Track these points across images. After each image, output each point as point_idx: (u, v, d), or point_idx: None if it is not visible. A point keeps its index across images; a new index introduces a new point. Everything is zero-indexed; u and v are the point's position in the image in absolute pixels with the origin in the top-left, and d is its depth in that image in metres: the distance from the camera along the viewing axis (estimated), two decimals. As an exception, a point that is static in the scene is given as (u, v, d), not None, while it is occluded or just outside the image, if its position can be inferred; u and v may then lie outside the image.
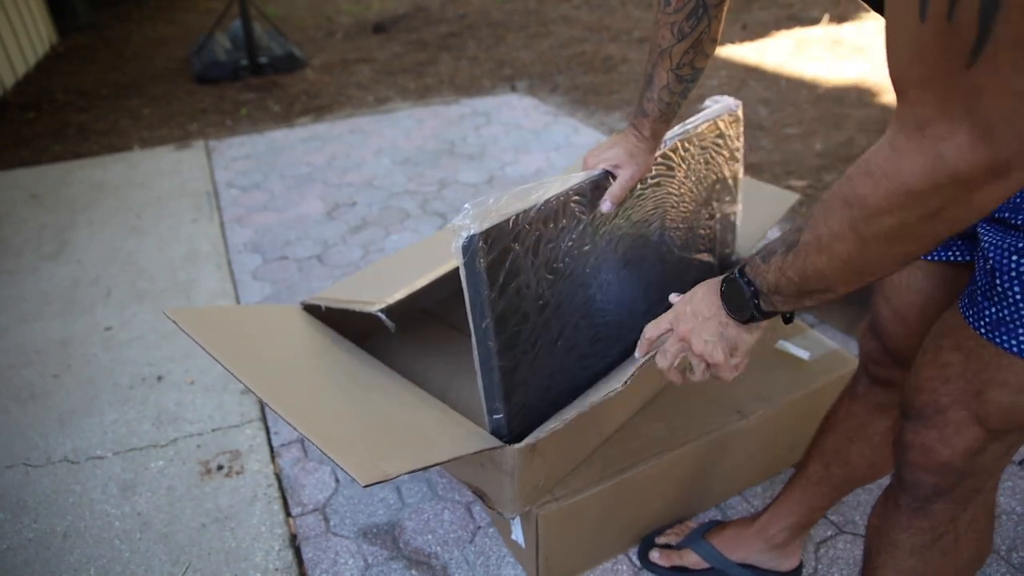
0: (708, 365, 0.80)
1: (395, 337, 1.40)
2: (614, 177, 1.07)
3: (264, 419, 1.68)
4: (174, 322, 1.05)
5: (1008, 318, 0.71)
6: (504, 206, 0.94)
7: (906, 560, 0.89)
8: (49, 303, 2.18)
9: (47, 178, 3.08)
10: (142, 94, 4.23)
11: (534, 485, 1.10)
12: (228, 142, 3.41)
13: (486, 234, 0.91)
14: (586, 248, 1.06)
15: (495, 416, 1.04)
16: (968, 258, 0.85)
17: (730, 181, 1.35)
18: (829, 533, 1.34)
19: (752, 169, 2.84)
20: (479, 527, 1.38)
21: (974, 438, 0.77)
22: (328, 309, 1.29)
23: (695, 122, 1.22)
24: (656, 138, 1.06)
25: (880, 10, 0.71)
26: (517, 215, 0.94)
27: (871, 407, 1.05)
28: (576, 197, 1.02)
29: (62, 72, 4.71)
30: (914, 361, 0.83)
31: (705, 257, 1.37)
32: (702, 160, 1.25)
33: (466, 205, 0.92)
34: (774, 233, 2.35)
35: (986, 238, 0.75)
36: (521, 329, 1.00)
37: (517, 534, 1.21)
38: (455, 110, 3.72)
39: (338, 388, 1.09)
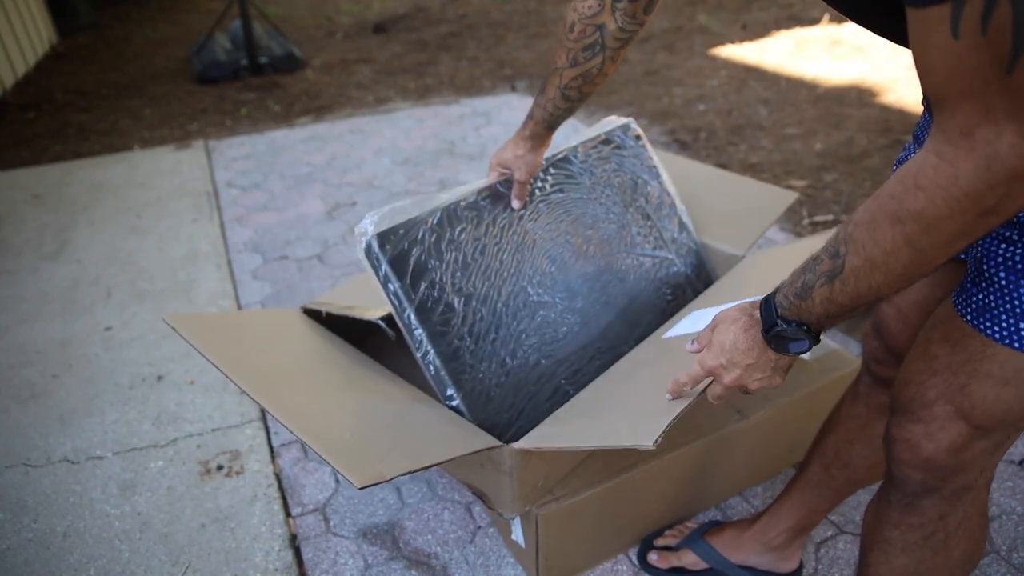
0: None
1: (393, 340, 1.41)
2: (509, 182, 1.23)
3: (264, 419, 1.68)
4: (173, 328, 1.06)
5: (993, 304, 0.72)
6: (399, 213, 1.08)
7: (898, 557, 0.89)
8: (49, 303, 2.18)
9: (47, 178, 3.08)
10: (142, 94, 4.23)
11: (533, 485, 1.10)
12: (228, 142, 3.41)
13: (382, 236, 1.06)
14: (495, 246, 1.18)
15: (451, 403, 1.10)
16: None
17: (652, 184, 1.45)
18: (829, 533, 1.34)
19: (752, 169, 2.84)
20: (479, 527, 1.38)
21: (958, 434, 0.77)
22: (328, 314, 1.30)
23: (585, 137, 1.43)
24: (539, 140, 1.20)
25: (888, 35, 0.72)
26: (410, 220, 1.10)
27: (873, 408, 1.04)
28: (467, 202, 1.18)
29: (62, 72, 4.71)
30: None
31: (662, 254, 1.43)
32: (610, 169, 1.42)
33: (365, 216, 1.06)
34: (774, 232, 2.35)
35: None
36: (450, 318, 1.10)
37: (517, 534, 1.21)
38: (455, 110, 3.72)
39: (335, 391, 1.09)
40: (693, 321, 1.23)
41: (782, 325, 0.72)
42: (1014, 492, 1.40)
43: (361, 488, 0.80)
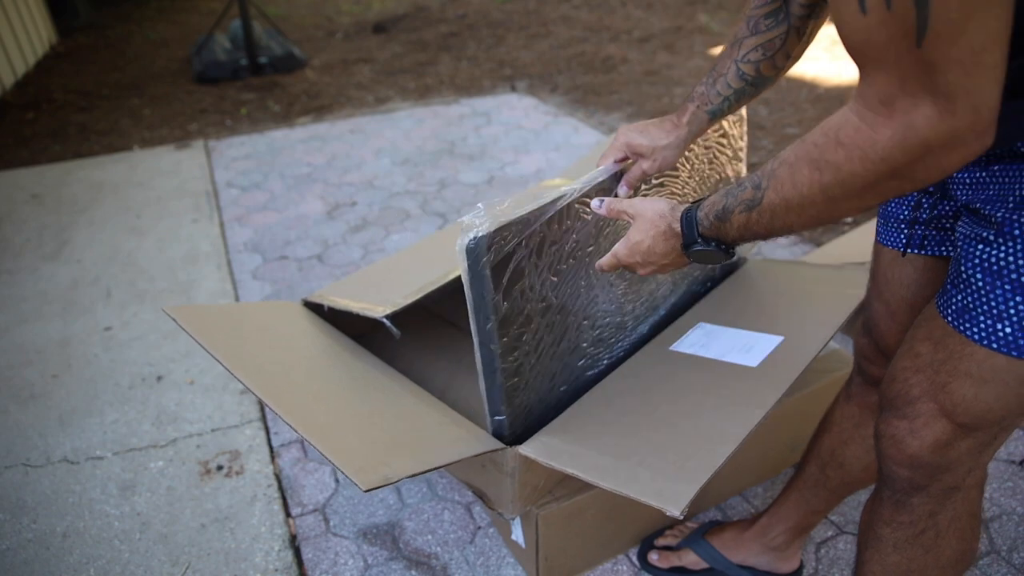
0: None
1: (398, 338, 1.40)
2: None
3: (264, 419, 1.68)
4: (173, 319, 1.05)
5: (971, 305, 0.72)
6: (513, 208, 0.92)
7: (890, 555, 0.90)
8: (49, 303, 2.18)
9: (47, 178, 3.08)
10: (142, 94, 4.23)
11: (534, 486, 1.10)
12: (228, 142, 3.41)
13: (493, 236, 0.89)
14: (590, 249, 1.06)
15: (497, 418, 1.03)
16: None
17: (733, 181, 1.35)
18: (830, 533, 1.34)
19: (752, 169, 2.84)
20: (479, 527, 1.38)
21: (942, 431, 0.78)
22: (330, 309, 1.29)
23: None
24: (691, 129, 1.00)
25: None
26: (525, 217, 0.92)
27: (864, 408, 1.05)
28: (583, 199, 1.01)
29: (62, 72, 4.71)
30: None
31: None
32: (706, 160, 1.24)
33: (479, 205, 0.91)
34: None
35: (960, 228, 0.76)
36: (524, 331, 0.99)
37: (517, 534, 1.21)
38: (455, 110, 3.71)
39: (338, 388, 1.09)
40: (702, 336, 1.22)
41: (701, 244, 0.79)
42: (1014, 492, 1.39)
43: (366, 491, 0.79)
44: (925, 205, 0.84)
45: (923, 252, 0.89)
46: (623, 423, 1.04)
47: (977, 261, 0.71)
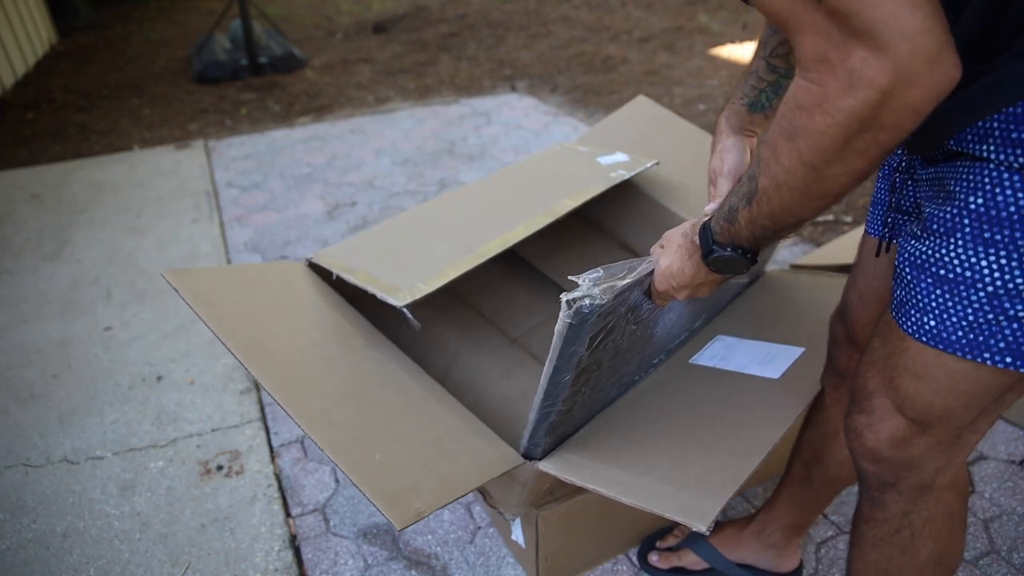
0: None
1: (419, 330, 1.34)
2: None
3: (264, 419, 1.68)
4: (175, 288, 1.00)
5: (905, 299, 0.73)
6: (614, 277, 0.85)
7: (869, 553, 0.90)
8: (49, 303, 2.18)
9: (47, 178, 3.08)
10: (142, 94, 4.23)
11: (540, 491, 1.10)
12: (228, 142, 3.41)
13: (601, 307, 0.83)
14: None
15: (536, 447, 1.00)
16: None
17: None
18: (830, 533, 1.34)
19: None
20: (479, 527, 1.38)
21: (897, 427, 0.78)
22: (339, 278, 1.18)
23: None
24: (731, 124, 0.95)
25: None
26: (624, 288, 0.85)
27: (836, 402, 1.05)
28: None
29: (62, 72, 4.71)
30: None
31: (743, 279, 1.34)
32: None
33: (583, 280, 0.83)
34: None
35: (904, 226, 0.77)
36: (589, 377, 0.96)
37: (517, 534, 1.21)
38: (455, 110, 3.71)
39: (354, 386, 1.03)
40: (722, 349, 1.22)
41: (717, 250, 0.75)
42: (1014, 492, 1.39)
43: (401, 530, 0.78)
44: (899, 186, 0.84)
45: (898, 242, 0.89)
46: (643, 438, 1.03)
47: (907, 255, 0.72)
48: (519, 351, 1.34)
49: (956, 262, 0.66)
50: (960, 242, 0.65)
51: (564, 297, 0.82)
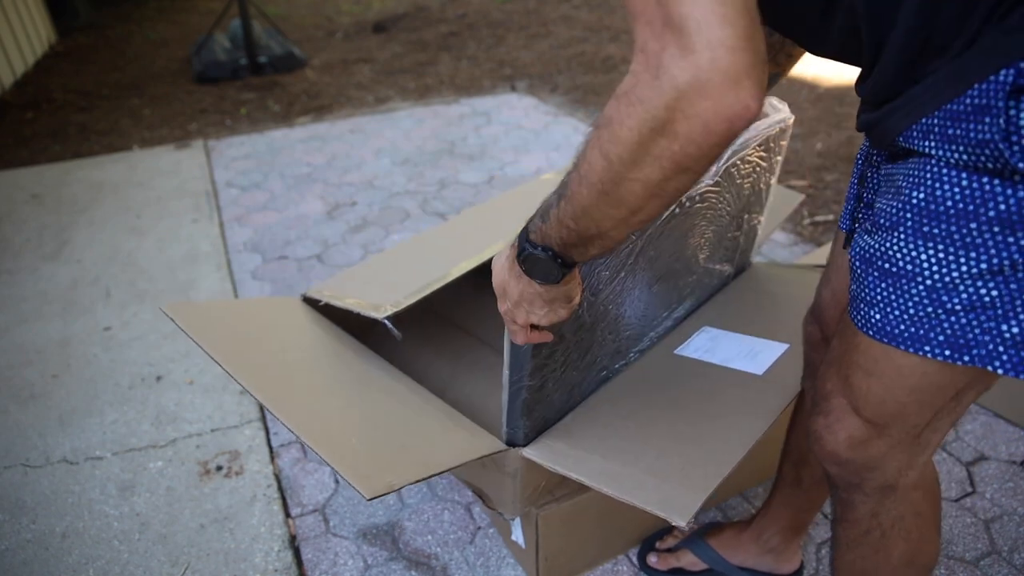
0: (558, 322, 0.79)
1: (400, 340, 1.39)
2: None
3: (263, 419, 1.68)
4: (172, 319, 1.05)
5: (856, 294, 0.73)
6: None
7: (845, 554, 0.90)
8: (49, 303, 2.18)
9: (47, 178, 3.08)
10: (142, 94, 4.23)
11: (535, 487, 1.10)
12: (228, 142, 3.41)
13: None
14: (629, 264, 1.03)
15: (514, 430, 1.01)
16: None
17: (763, 193, 1.31)
18: (830, 534, 1.34)
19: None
20: (479, 528, 1.38)
21: (853, 427, 0.78)
22: (329, 304, 1.28)
23: (750, 135, 1.12)
24: None
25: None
26: None
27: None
28: None
29: (62, 72, 4.71)
30: None
31: (725, 268, 1.34)
32: (744, 174, 1.20)
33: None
34: (778, 234, 2.34)
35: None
36: (556, 351, 0.96)
37: (517, 535, 1.21)
38: (455, 110, 3.71)
39: (339, 388, 1.08)
40: (707, 341, 1.22)
41: (528, 248, 0.70)
42: (1014, 492, 1.39)
43: (370, 500, 0.78)
44: (868, 181, 0.83)
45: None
46: (628, 427, 1.03)
47: (858, 250, 0.73)
48: None
49: (899, 256, 0.66)
50: (902, 236, 0.66)
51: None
